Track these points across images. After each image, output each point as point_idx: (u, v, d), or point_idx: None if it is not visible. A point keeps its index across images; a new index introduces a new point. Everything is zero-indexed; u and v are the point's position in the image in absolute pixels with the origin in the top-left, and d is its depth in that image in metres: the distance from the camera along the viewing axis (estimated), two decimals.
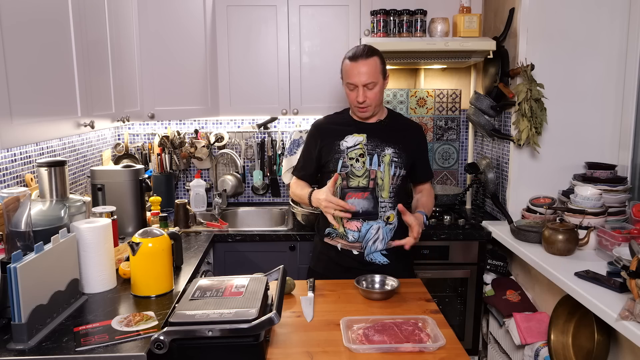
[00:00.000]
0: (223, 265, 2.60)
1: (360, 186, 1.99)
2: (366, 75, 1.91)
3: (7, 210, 1.55)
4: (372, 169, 1.99)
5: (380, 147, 2.00)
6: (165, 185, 3.05)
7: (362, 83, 1.92)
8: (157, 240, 1.67)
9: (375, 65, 1.93)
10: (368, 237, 1.99)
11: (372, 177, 1.99)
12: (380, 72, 1.95)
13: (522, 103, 2.39)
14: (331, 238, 2.06)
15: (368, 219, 1.99)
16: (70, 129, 1.76)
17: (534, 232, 2.29)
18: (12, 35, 1.42)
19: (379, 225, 2.00)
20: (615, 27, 2.44)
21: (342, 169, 2.00)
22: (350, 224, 2.00)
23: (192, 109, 2.80)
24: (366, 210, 1.99)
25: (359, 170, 1.99)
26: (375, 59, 1.94)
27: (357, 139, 2.01)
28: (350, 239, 2.01)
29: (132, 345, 1.35)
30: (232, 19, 2.78)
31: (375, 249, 2.01)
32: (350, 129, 2.03)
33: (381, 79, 1.96)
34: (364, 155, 2.00)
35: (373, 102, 1.96)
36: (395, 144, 2.01)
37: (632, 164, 2.41)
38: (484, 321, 2.73)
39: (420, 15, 2.70)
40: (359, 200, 1.99)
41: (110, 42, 2.17)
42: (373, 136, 2.01)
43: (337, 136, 2.03)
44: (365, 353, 1.36)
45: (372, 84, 1.93)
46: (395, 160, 2.00)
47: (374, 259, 2.02)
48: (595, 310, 1.67)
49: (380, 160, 1.99)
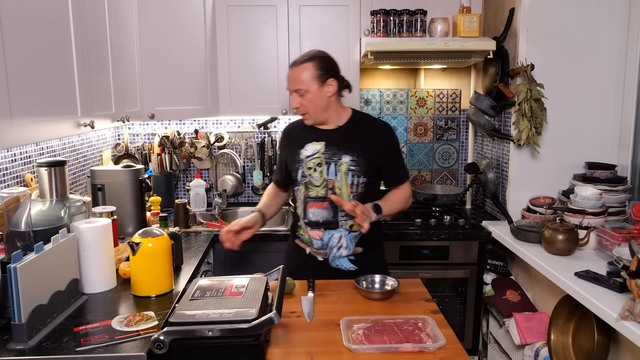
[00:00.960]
0: (223, 265, 2.60)
1: (319, 196, 1.96)
2: (294, 82, 1.91)
3: (7, 210, 1.55)
4: (330, 178, 1.95)
5: (337, 155, 1.94)
6: (165, 185, 3.05)
7: (292, 89, 1.92)
8: (157, 240, 1.67)
9: (306, 71, 1.89)
10: (331, 245, 1.97)
11: (330, 187, 1.95)
12: (314, 78, 1.88)
13: (522, 103, 2.39)
14: (301, 241, 2.06)
15: (329, 228, 1.97)
16: (70, 129, 1.76)
17: (534, 232, 2.29)
18: (12, 35, 1.42)
19: (340, 234, 1.96)
20: (615, 27, 2.44)
21: (302, 179, 1.98)
22: (313, 232, 1.99)
23: (192, 109, 2.80)
24: (326, 220, 1.96)
25: (317, 180, 1.96)
26: (309, 64, 1.89)
27: (315, 147, 1.97)
28: (315, 246, 2.00)
29: (132, 345, 1.35)
30: (232, 19, 2.77)
31: (339, 255, 1.98)
32: (310, 137, 1.99)
33: (315, 85, 1.89)
34: (321, 165, 1.95)
35: (309, 109, 1.93)
36: (354, 151, 1.93)
37: (632, 164, 2.41)
38: (484, 321, 2.73)
39: (420, 15, 2.70)
40: (318, 210, 1.96)
41: (110, 42, 2.17)
42: (331, 144, 1.96)
43: (299, 145, 2.00)
44: (365, 353, 1.36)
45: (303, 91, 1.89)
46: (352, 169, 1.93)
47: (340, 265, 1.99)
48: (595, 310, 1.67)
49: (337, 170, 1.94)
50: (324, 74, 1.91)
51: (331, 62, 1.96)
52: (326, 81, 1.91)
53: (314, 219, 1.97)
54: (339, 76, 1.96)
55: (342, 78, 1.98)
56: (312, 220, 1.98)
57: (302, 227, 2.02)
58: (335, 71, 1.95)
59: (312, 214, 1.97)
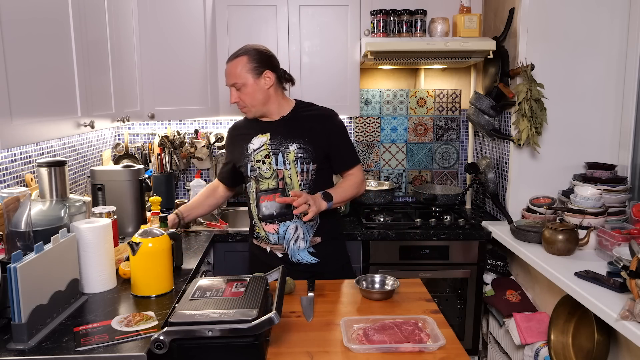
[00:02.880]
0: (223, 265, 2.60)
1: (270, 188, 1.97)
2: (230, 77, 1.93)
3: (7, 210, 1.55)
4: (279, 168, 1.96)
5: (284, 144, 1.96)
6: (165, 185, 3.05)
7: (228, 84, 1.94)
8: (157, 240, 1.67)
9: (240, 65, 1.91)
10: (288, 237, 1.98)
11: (280, 177, 1.96)
12: (249, 70, 1.91)
13: (522, 103, 2.39)
14: (259, 241, 2.06)
15: (283, 220, 1.97)
16: (70, 129, 1.76)
17: (534, 232, 2.29)
18: (12, 35, 1.42)
19: (296, 225, 1.97)
20: (615, 27, 2.44)
21: (252, 173, 1.99)
22: (268, 226, 1.99)
23: (192, 109, 2.80)
24: (280, 212, 1.96)
25: (267, 172, 1.97)
26: (243, 58, 1.91)
27: (261, 139, 1.98)
28: (272, 241, 2.00)
29: (132, 345, 1.35)
30: (232, 19, 2.77)
31: (298, 247, 1.99)
32: (255, 130, 2.01)
33: (251, 78, 1.91)
34: (269, 156, 1.96)
35: (247, 102, 1.94)
36: (300, 138, 1.95)
37: (632, 164, 2.41)
38: (484, 321, 2.73)
39: (420, 15, 2.70)
40: (271, 203, 1.97)
41: (110, 42, 2.17)
42: (276, 134, 1.97)
43: (245, 140, 2.02)
44: (365, 353, 1.36)
45: (239, 85, 1.92)
46: (300, 156, 1.94)
47: (301, 259, 2.00)
48: (595, 310, 1.67)
49: (285, 159, 1.95)
50: (259, 66, 1.92)
51: (266, 54, 1.97)
52: (262, 74, 1.93)
53: (268, 212, 1.98)
54: (276, 69, 1.98)
55: (282, 71, 2.00)
56: (266, 214, 1.98)
57: (257, 225, 2.03)
58: (271, 64, 1.96)
59: (265, 208, 1.98)
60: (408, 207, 3.08)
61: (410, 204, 3.15)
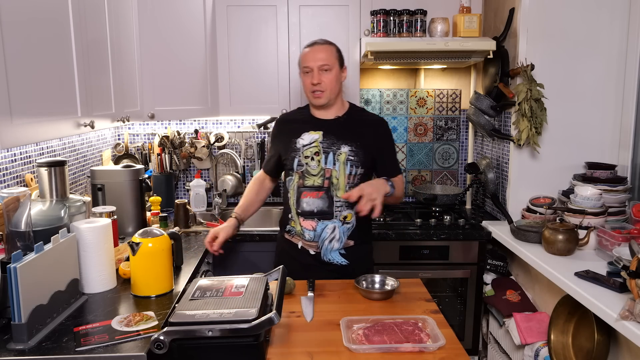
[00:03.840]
0: (223, 265, 2.60)
1: (315, 185, 1.97)
2: (321, 59, 1.93)
3: (7, 210, 1.55)
4: (327, 167, 1.96)
5: (336, 145, 1.97)
6: (165, 185, 3.05)
7: (317, 65, 1.93)
8: (157, 240, 1.67)
9: (331, 51, 1.96)
10: (324, 237, 1.98)
11: (327, 176, 1.96)
12: (337, 59, 1.97)
13: (522, 103, 2.39)
14: (291, 235, 2.05)
15: (323, 219, 1.97)
16: (70, 129, 1.76)
17: (534, 232, 2.29)
18: (12, 35, 1.42)
19: (334, 225, 1.97)
20: (615, 27, 2.44)
21: (298, 167, 1.99)
22: (306, 222, 1.99)
23: (192, 109, 2.80)
24: (321, 210, 1.97)
25: (314, 169, 1.97)
26: (332, 47, 1.98)
27: (313, 136, 1.98)
28: (306, 237, 2.00)
29: (132, 345, 1.35)
30: (232, 19, 2.78)
31: (331, 248, 1.99)
32: (307, 126, 2.01)
33: (337, 66, 1.97)
34: (319, 154, 1.96)
35: (328, 87, 1.94)
36: (353, 142, 1.97)
37: (632, 164, 2.41)
38: (484, 321, 2.73)
39: (420, 15, 2.70)
40: (313, 200, 1.97)
41: (110, 42, 2.17)
42: (329, 133, 1.98)
43: (295, 133, 2.01)
44: (365, 353, 1.36)
45: (327, 67, 1.93)
46: (351, 159, 1.96)
47: (332, 259, 2.00)
48: (595, 310, 1.67)
49: (335, 159, 1.96)
50: (341, 59, 2.00)
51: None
52: (343, 66, 2.00)
53: (308, 209, 1.97)
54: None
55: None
56: (306, 210, 1.97)
57: (292, 219, 2.02)
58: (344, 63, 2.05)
59: (307, 204, 1.97)
60: (408, 207, 3.08)
61: (410, 204, 3.15)
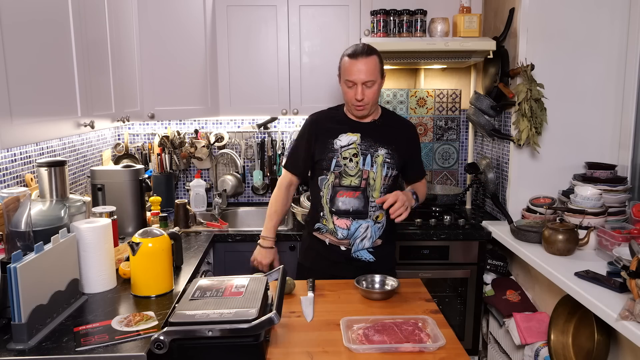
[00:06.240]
0: (223, 265, 2.60)
1: (352, 185, 2.00)
2: (366, 73, 1.91)
3: (7, 210, 1.55)
4: (365, 169, 2.00)
5: (373, 147, 2.00)
6: (165, 185, 3.05)
7: (361, 81, 1.91)
8: (157, 240, 1.67)
9: (374, 64, 1.94)
10: (356, 235, 2.01)
11: (365, 177, 1.99)
12: (379, 71, 1.96)
13: (522, 103, 2.39)
14: (320, 233, 2.07)
15: (357, 218, 2.00)
16: (70, 129, 1.76)
17: (534, 232, 2.29)
18: (12, 35, 1.42)
19: (367, 224, 2.01)
20: (615, 27, 2.44)
21: (336, 168, 2.01)
22: (340, 221, 2.01)
23: (192, 109, 2.80)
24: (356, 209, 2.00)
25: (352, 170, 2.00)
26: (375, 58, 1.95)
27: (351, 138, 2.01)
28: (339, 235, 2.02)
29: (132, 345, 1.35)
30: (232, 19, 2.78)
31: (362, 246, 2.02)
32: (344, 128, 2.03)
33: (379, 78, 1.97)
34: (357, 155, 2.00)
35: (371, 100, 1.96)
36: (389, 145, 2.01)
37: (632, 164, 2.41)
38: (484, 321, 2.73)
39: (420, 15, 2.70)
40: (350, 199, 1.99)
41: (110, 42, 2.17)
42: (367, 136, 2.01)
43: (332, 134, 2.03)
44: (365, 353, 1.36)
45: (371, 82, 1.93)
46: (387, 161, 2.00)
47: (361, 256, 2.04)
48: (595, 310, 1.67)
49: (373, 161, 2.00)
50: (382, 68, 2.00)
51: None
52: (383, 75, 2.02)
53: (344, 208, 2.00)
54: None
55: None
56: (342, 209, 2.00)
57: (325, 217, 2.04)
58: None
59: (342, 203, 2.00)
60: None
61: None
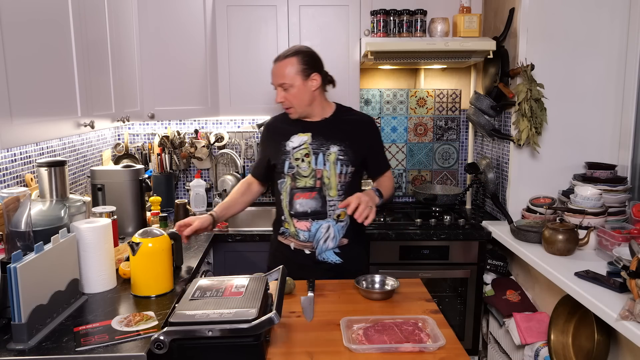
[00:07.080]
0: (223, 265, 2.60)
1: (307, 186, 1.98)
2: (278, 77, 1.94)
3: (7, 210, 1.55)
4: (318, 168, 1.98)
5: (325, 145, 1.98)
6: (165, 185, 3.05)
7: (277, 83, 1.95)
8: (157, 240, 1.67)
9: (290, 66, 1.92)
10: (318, 237, 1.99)
11: (319, 177, 1.98)
12: (298, 72, 1.92)
13: (522, 103, 2.39)
14: (285, 237, 2.06)
15: (317, 219, 1.98)
16: (70, 129, 1.76)
17: (534, 232, 2.29)
18: (12, 35, 1.42)
19: (328, 224, 1.99)
20: (615, 27, 2.44)
21: (289, 170, 2.00)
22: (300, 223, 2.00)
23: (192, 109, 2.80)
24: (315, 210, 1.98)
25: (305, 171, 1.98)
26: (293, 59, 1.93)
27: (302, 138, 2.00)
28: (301, 238, 2.01)
29: (132, 345, 1.35)
30: (232, 19, 2.78)
31: (326, 247, 2.00)
32: (295, 129, 2.02)
33: (299, 80, 1.93)
34: (309, 155, 1.98)
35: (293, 103, 1.96)
36: (341, 142, 1.98)
37: (632, 164, 2.41)
38: (484, 321, 2.73)
39: (420, 15, 2.70)
40: (306, 200, 1.98)
41: (110, 42, 2.17)
42: (318, 135, 1.99)
43: (284, 137, 2.02)
44: (365, 353, 1.36)
45: (287, 85, 1.93)
46: (341, 158, 1.98)
47: (327, 258, 2.01)
48: (595, 310, 1.67)
49: (325, 159, 1.97)
50: (308, 68, 1.95)
51: (315, 57, 2.00)
52: (310, 76, 1.96)
53: (302, 210, 1.98)
54: (322, 71, 2.01)
55: (325, 73, 2.03)
56: (300, 211, 1.99)
57: (286, 221, 2.03)
58: (318, 66, 1.99)
59: (300, 205, 1.98)
60: (408, 207, 3.08)
61: (410, 204, 3.15)
